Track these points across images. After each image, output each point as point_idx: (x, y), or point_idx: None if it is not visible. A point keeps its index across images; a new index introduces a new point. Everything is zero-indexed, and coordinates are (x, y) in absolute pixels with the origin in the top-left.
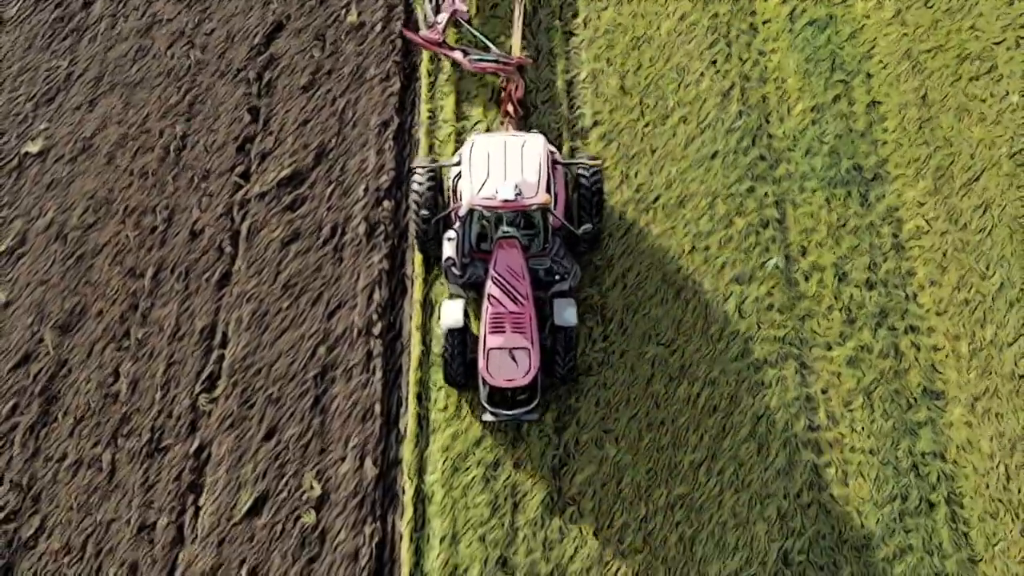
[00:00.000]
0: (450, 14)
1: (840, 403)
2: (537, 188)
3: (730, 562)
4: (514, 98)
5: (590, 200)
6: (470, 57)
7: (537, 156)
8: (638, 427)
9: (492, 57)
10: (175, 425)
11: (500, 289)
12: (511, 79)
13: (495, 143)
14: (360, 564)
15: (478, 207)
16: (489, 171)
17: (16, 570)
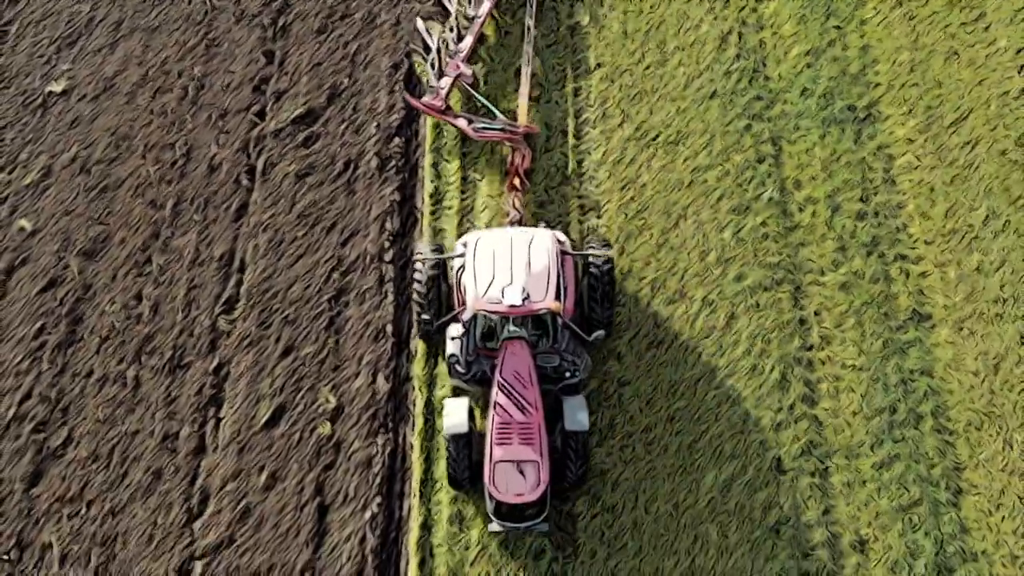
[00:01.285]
0: (454, 78)
1: (832, 324)
2: (546, 291)
3: (726, 468)
4: (520, 170)
5: (601, 290)
6: (474, 125)
7: (545, 255)
8: (639, 346)
9: (498, 125)
10: (196, 344)
11: (507, 397)
12: (517, 149)
13: (501, 240)
14: (373, 471)
15: (483, 312)
16: (495, 272)
17: (46, 476)
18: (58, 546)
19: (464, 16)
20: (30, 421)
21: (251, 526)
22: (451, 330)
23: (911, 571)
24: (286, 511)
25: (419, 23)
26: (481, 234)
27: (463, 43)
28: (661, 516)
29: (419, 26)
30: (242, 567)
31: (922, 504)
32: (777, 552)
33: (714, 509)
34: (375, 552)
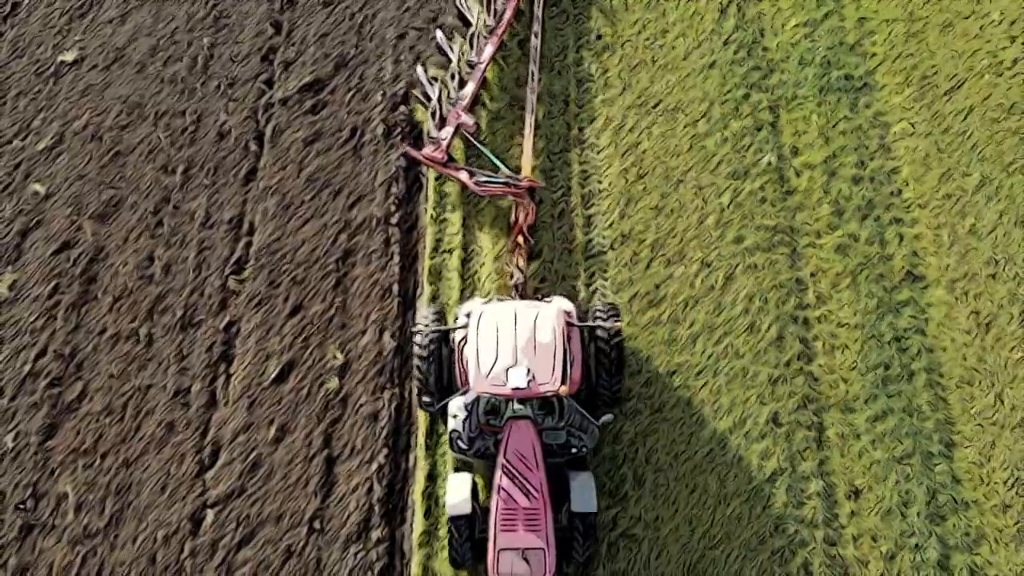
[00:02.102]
0: (455, 128)
1: (828, 285)
2: (552, 372)
3: (724, 421)
4: (524, 227)
5: (609, 359)
6: (476, 179)
7: (551, 333)
8: (639, 304)
9: (501, 179)
10: (206, 303)
11: (511, 480)
12: (521, 204)
13: (505, 315)
14: (379, 425)
15: (487, 395)
16: (498, 351)
17: (61, 429)
18: (73, 495)
19: (466, 62)
20: (45, 377)
21: (261, 477)
22: (452, 406)
23: (904, 519)
24: (295, 463)
25: (419, 71)
26: (484, 307)
27: (465, 90)
28: (661, 467)
29: (419, 74)
30: (252, 515)
31: (915, 456)
32: (773, 501)
33: (713, 460)
34: (381, 502)
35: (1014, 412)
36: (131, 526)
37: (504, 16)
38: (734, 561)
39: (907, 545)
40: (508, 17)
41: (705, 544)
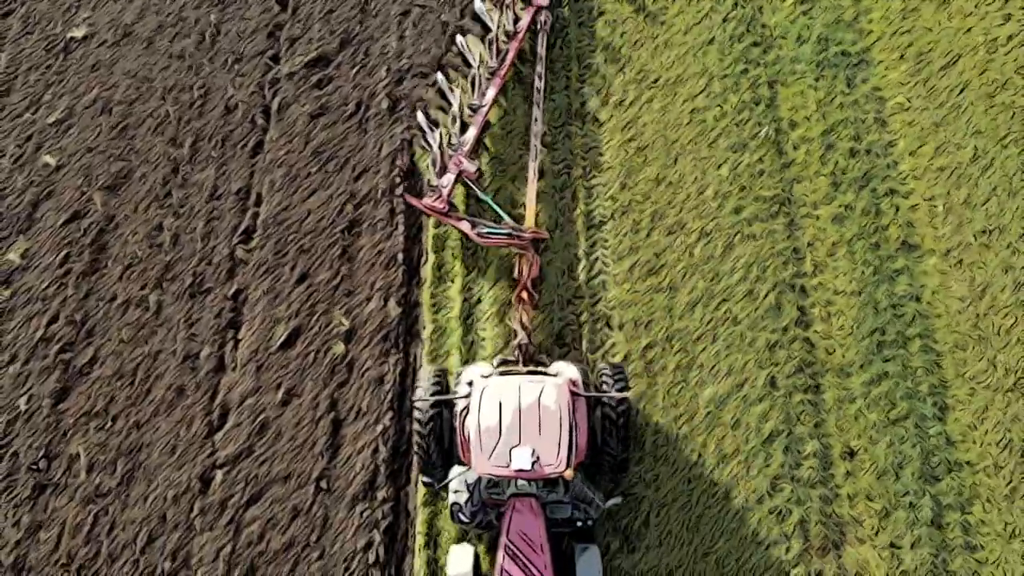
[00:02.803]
0: (456, 175)
1: (825, 254)
2: (558, 453)
3: (723, 385)
4: (528, 281)
5: (616, 426)
6: (478, 230)
7: (557, 411)
8: (639, 272)
9: (504, 230)
10: (215, 272)
11: (513, 561)
12: (524, 256)
13: (509, 391)
14: (384, 388)
15: (489, 476)
16: (501, 430)
17: (72, 393)
18: (85, 456)
19: (468, 106)
20: (57, 342)
21: (269, 438)
22: (454, 480)
23: (898, 479)
24: (302, 425)
25: (419, 116)
26: (487, 381)
27: (466, 135)
28: (660, 428)
29: (419, 119)
30: (260, 475)
31: (909, 418)
32: (771, 462)
33: (711, 422)
34: (386, 462)
35: (1007, 376)
36: (142, 486)
37: (507, 57)
38: (732, 519)
39: (901, 504)
40: (511, 57)
41: (704, 502)
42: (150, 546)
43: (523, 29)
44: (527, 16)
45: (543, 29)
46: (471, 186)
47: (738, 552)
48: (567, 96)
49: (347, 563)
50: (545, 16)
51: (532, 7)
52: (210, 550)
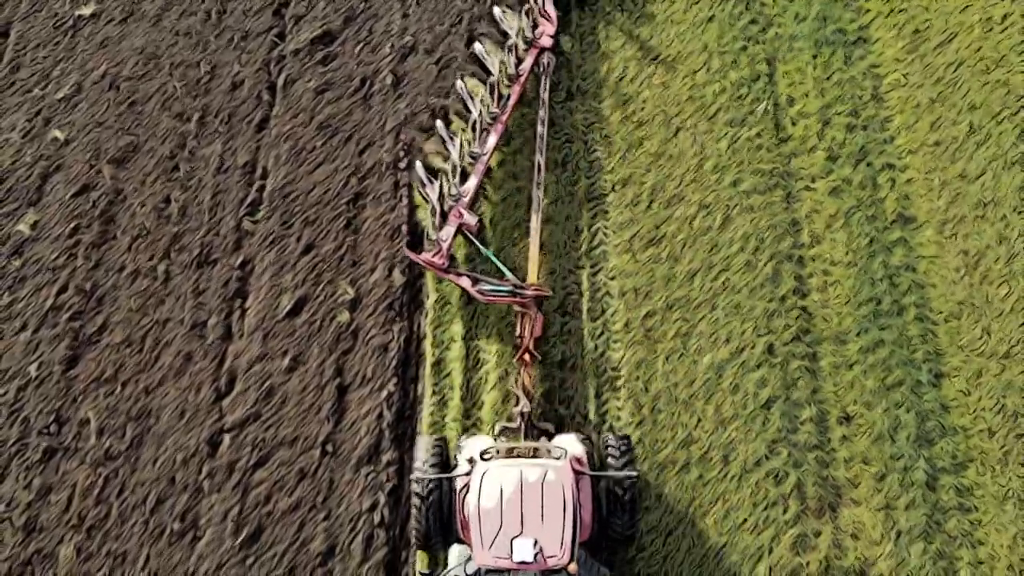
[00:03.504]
0: (456, 228)
1: (823, 226)
2: (561, 543)
3: (721, 352)
4: (530, 342)
5: (622, 501)
6: (479, 287)
7: (560, 499)
8: (639, 243)
9: (506, 288)
10: (222, 243)
11: None
12: (527, 314)
13: (510, 477)
14: (389, 356)
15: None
16: (502, 518)
17: (82, 360)
18: (95, 421)
19: (468, 153)
20: (67, 311)
21: (275, 404)
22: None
23: (893, 443)
24: (308, 390)
25: (418, 167)
26: (488, 465)
27: (467, 184)
28: (660, 393)
29: (418, 170)
30: (267, 439)
31: (904, 385)
32: (769, 426)
33: (710, 388)
34: (391, 427)
35: (1000, 344)
36: (151, 449)
37: (509, 102)
38: (731, 481)
39: (896, 467)
40: (513, 102)
41: (703, 466)
42: (159, 507)
43: (525, 72)
44: (529, 58)
45: (546, 72)
46: (472, 239)
47: (736, 513)
48: (569, 76)
49: (352, 524)
50: (548, 58)
51: (535, 49)
52: (218, 511)
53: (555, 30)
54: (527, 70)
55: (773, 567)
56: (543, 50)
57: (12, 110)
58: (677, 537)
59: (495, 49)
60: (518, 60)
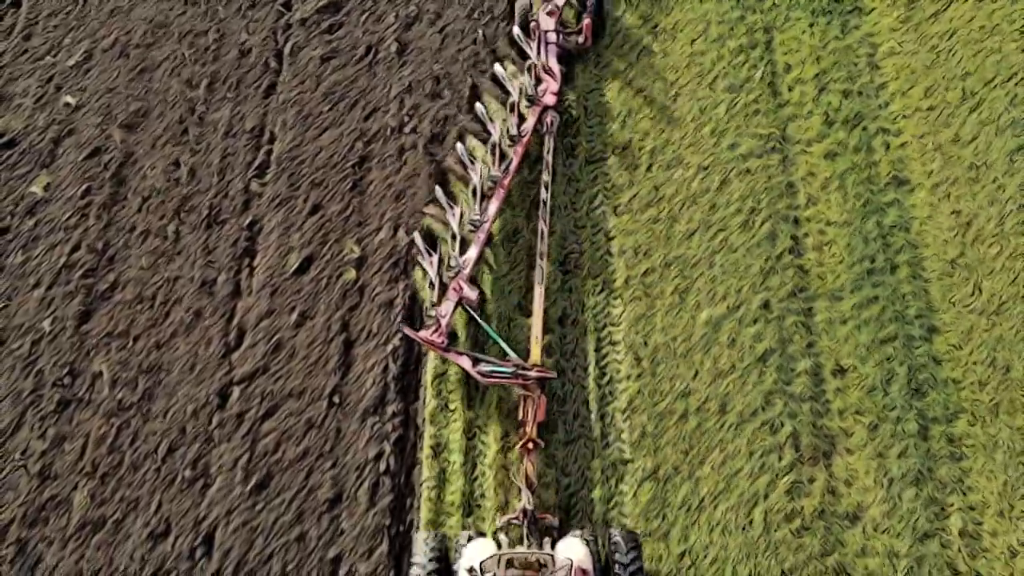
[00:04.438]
0: (455, 303)
1: (818, 187)
2: None
3: (718, 308)
4: (533, 428)
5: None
6: (480, 368)
7: None
8: (639, 204)
9: (508, 369)
10: (230, 204)
11: None
12: (529, 397)
13: None
14: (394, 311)
15: None
16: None
17: (95, 315)
18: (108, 373)
19: (469, 222)
20: (79, 268)
21: (283, 357)
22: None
23: (886, 394)
24: (315, 345)
25: (416, 239)
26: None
27: (468, 255)
28: (658, 347)
29: (416, 241)
30: (276, 391)
31: (897, 339)
32: (764, 378)
33: (707, 342)
34: (396, 379)
35: (991, 301)
36: (162, 401)
37: (511, 165)
38: (727, 430)
39: (889, 418)
40: (515, 165)
41: (700, 415)
42: (171, 456)
43: (528, 132)
44: (532, 117)
45: (550, 131)
46: (473, 313)
47: (733, 461)
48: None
49: (359, 471)
50: (551, 117)
51: (538, 107)
52: (228, 459)
53: (559, 87)
54: (530, 130)
55: (769, 512)
56: (546, 108)
57: (24, 76)
58: (675, 484)
59: (497, 108)
60: (520, 119)
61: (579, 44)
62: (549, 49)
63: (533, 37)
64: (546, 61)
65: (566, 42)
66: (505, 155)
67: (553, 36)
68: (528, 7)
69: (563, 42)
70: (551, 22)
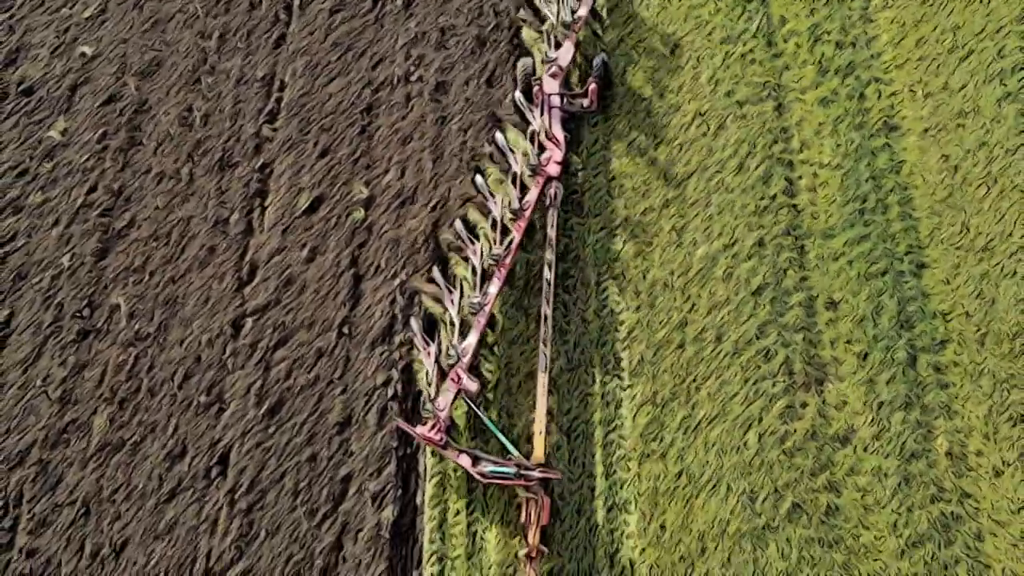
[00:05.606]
0: (454, 394)
1: (812, 133)
2: None
3: (715, 245)
4: (536, 531)
5: None
6: (480, 468)
7: None
8: (637, 147)
9: (510, 469)
10: (243, 148)
11: None
12: (533, 499)
13: None
14: (401, 248)
15: None
16: None
17: (112, 252)
18: (125, 306)
19: (468, 304)
20: (97, 208)
21: (294, 291)
22: None
23: (876, 325)
24: (325, 279)
25: (413, 325)
26: None
27: (466, 342)
28: (657, 281)
29: (413, 328)
30: (287, 322)
31: (887, 274)
32: (759, 310)
33: (704, 276)
34: (403, 311)
35: (978, 239)
36: (178, 332)
37: (512, 243)
38: (723, 358)
39: (878, 347)
40: (517, 242)
41: (696, 344)
42: (187, 382)
43: (530, 205)
44: (535, 189)
45: (553, 204)
46: (472, 406)
47: (728, 387)
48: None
49: (367, 396)
50: (555, 188)
51: (541, 177)
52: (241, 386)
53: (563, 155)
54: (532, 202)
55: (763, 434)
56: (550, 179)
57: (41, 28)
58: (672, 409)
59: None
60: (522, 189)
61: (584, 108)
62: (553, 114)
63: (536, 102)
64: (550, 127)
65: (571, 105)
66: (507, 230)
67: (557, 100)
68: (531, 71)
69: (567, 106)
70: (555, 84)
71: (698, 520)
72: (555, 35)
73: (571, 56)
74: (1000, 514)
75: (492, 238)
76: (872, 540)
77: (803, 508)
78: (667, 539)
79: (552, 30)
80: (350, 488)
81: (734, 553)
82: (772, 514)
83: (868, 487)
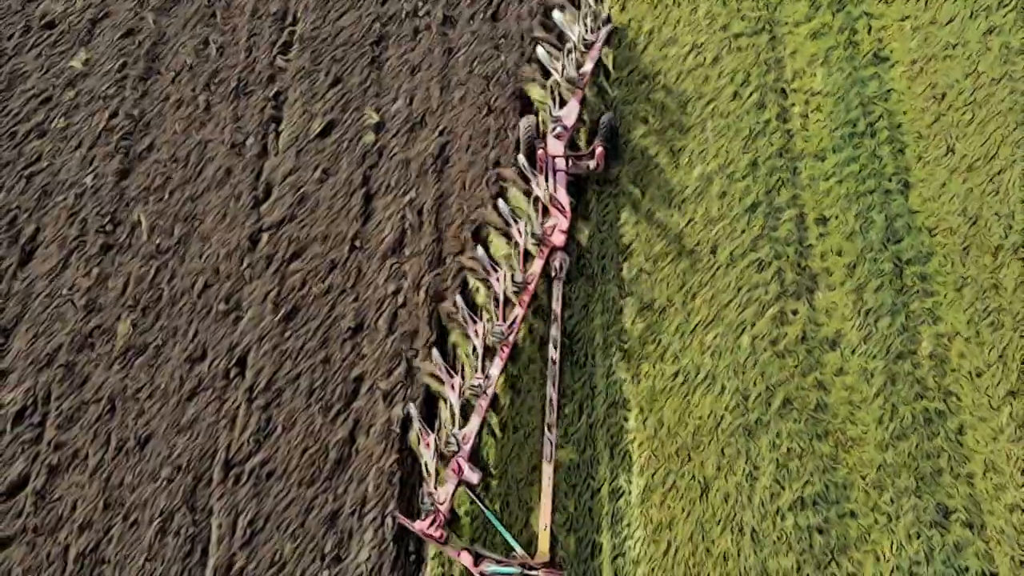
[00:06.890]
0: (455, 486)
1: (804, 63)
2: None
3: (711, 164)
4: None
5: None
6: (482, 569)
7: None
8: (637, 76)
9: (515, 570)
10: (257, 77)
11: None
12: None
13: None
14: (411, 168)
15: None
16: None
17: (133, 172)
18: (146, 222)
19: (469, 387)
20: (118, 131)
21: (308, 208)
22: None
23: (864, 239)
24: (337, 197)
25: (411, 410)
26: None
27: (468, 428)
28: (654, 198)
29: (411, 412)
30: (301, 237)
31: (876, 192)
32: (752, 225)
33: (700, 195)
34: (412, 227)
35: (963, 160)
36: (197, 246)
37: (516, 321)
38: (717, 270)
39: (866, 258)
40: (520, 318)
41: (693, 257)
42: (206, 292)
43: (534, 279)
44: (539, 261)
45: (558, 276)
46: (474, 497)
47: (722, 295)
48: None
49: (379, 304)
50: (561, 259)
51: (545, 248)
52: (258, 294)
53: (568, 224)
54: (536, 275)
55: (756, 337)
56: (555, 249)
57: None
58: (670, 314)
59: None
60: (525, 260)
61: (590, 169)
62: (558, 178)
63: (540, 167)
64: (554, 192)
65: (576, 167)
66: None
67: (562, 163)
68: (534, 133)
69: (573, 168)
70: (560, 146)
71: (694, 415)
72: (559, 92)
73: (576, 114)
74: (980, 410)
75: (494, 313)
76: (859, 434)
77: (793, 404)
78: (664, 433)
79: (557, 88)
80: (362, 388)
81: (728, 445)
82: (764, 410)
83: (855, 385)
